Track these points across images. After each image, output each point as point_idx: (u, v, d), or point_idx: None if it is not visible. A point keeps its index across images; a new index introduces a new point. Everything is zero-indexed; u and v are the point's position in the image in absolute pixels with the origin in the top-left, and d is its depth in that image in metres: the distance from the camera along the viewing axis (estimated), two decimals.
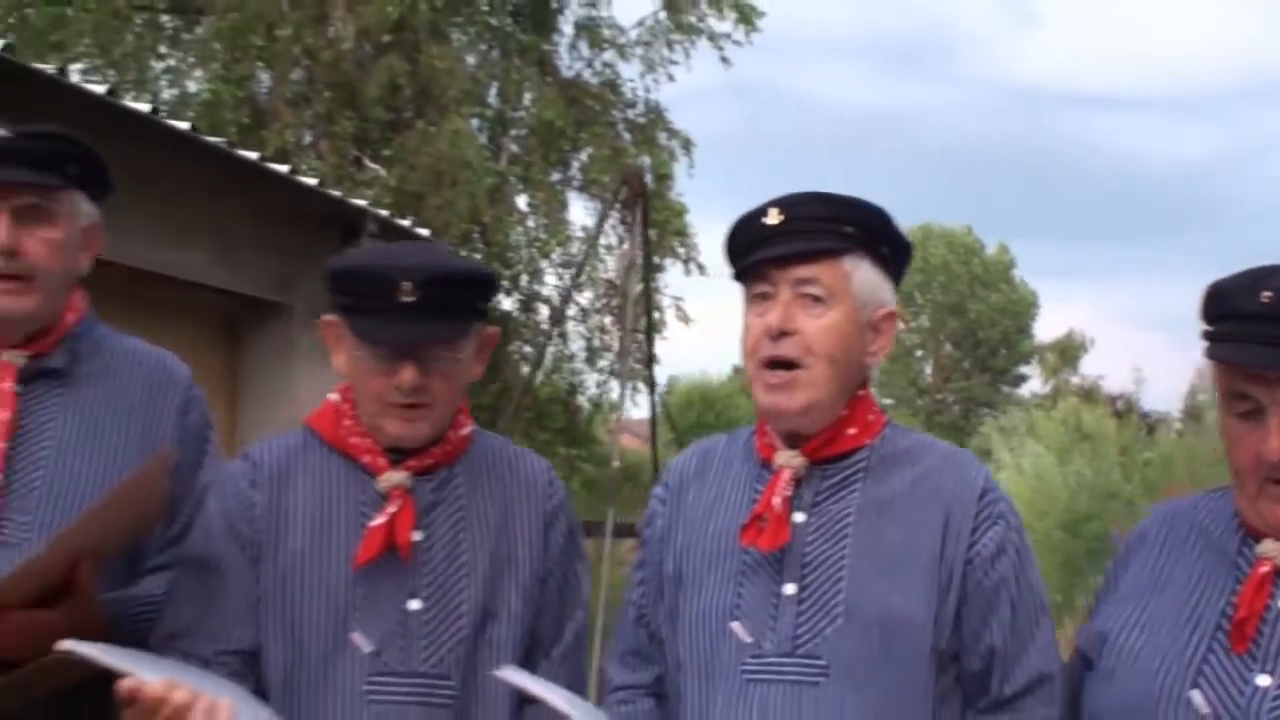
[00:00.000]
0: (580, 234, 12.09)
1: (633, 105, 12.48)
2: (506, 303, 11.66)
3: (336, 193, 6.88)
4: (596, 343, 12.27)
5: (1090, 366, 42.66)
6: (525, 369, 12.09)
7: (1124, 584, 2.21)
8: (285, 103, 10.88)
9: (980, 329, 44.46)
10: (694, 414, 20.76)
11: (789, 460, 2.17)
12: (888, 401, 40.65)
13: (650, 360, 9.49)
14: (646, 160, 11.84)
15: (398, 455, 2.22)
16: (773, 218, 2.13)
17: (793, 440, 2.18)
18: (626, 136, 12.44)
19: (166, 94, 11.23)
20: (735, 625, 2.16)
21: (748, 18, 11.89)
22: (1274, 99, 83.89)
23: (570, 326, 11.97)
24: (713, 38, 12.11)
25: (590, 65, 12.53)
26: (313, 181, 7.26)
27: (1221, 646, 2.01)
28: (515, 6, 12.29)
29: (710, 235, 12.45)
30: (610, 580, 7.21)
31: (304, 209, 7.24)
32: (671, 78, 12.60)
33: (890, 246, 2.22)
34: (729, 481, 2.27)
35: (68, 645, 1.96)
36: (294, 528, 2.25)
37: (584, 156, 12.27)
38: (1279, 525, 1.98)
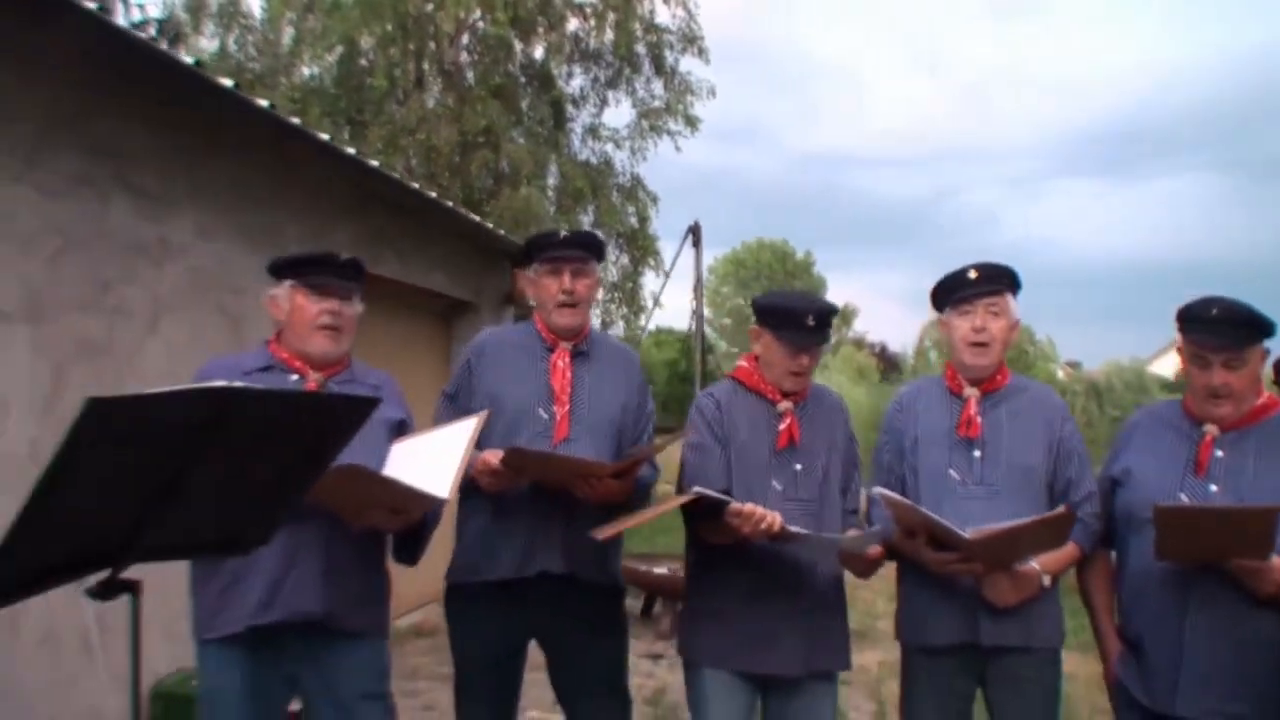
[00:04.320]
0: None
1: (621, 175, 13.60)
2: None
3: (514, 239, 7.30)
4: (607, 320, 13.46)
5: (859, 325, 45.66)
6: None
7: (1131, 446, 2.54)
8: (419, 180, 11.63)
9: None
10: None
11: (973, 392, 2.58)
12: (734, 350, 41.98)
13: (702, 336, 10.68)
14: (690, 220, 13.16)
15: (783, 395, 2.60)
16: (973, 274, 2.57)
17: (974, 382, 2.59)
18: (615, 196, 13.54)
19: None
20: (951, 472, 2.54)
21: (692, 123, 13.23)
22: (958, 158, 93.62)
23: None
24: (669, 134, 13.37)
25: (593, 151, 13.74)
26: (501, 231, 7.54)
27: (1190, 474, 2.37)
28: (544, 116, 13.34)
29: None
30: None
31: (489, 245, 7.42)
32: (645, 158, 13.85)
33: (1019, 287, 2.61)
34: (934, 402, 2.64)
35: (698, 489, 2.34)
36: (739, 429, 2.59)
37: (591, 209, 13.31)
38: (1212, 417, 2.37)
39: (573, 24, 12.75)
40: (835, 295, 48.78)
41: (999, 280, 2.57)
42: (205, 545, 1.77)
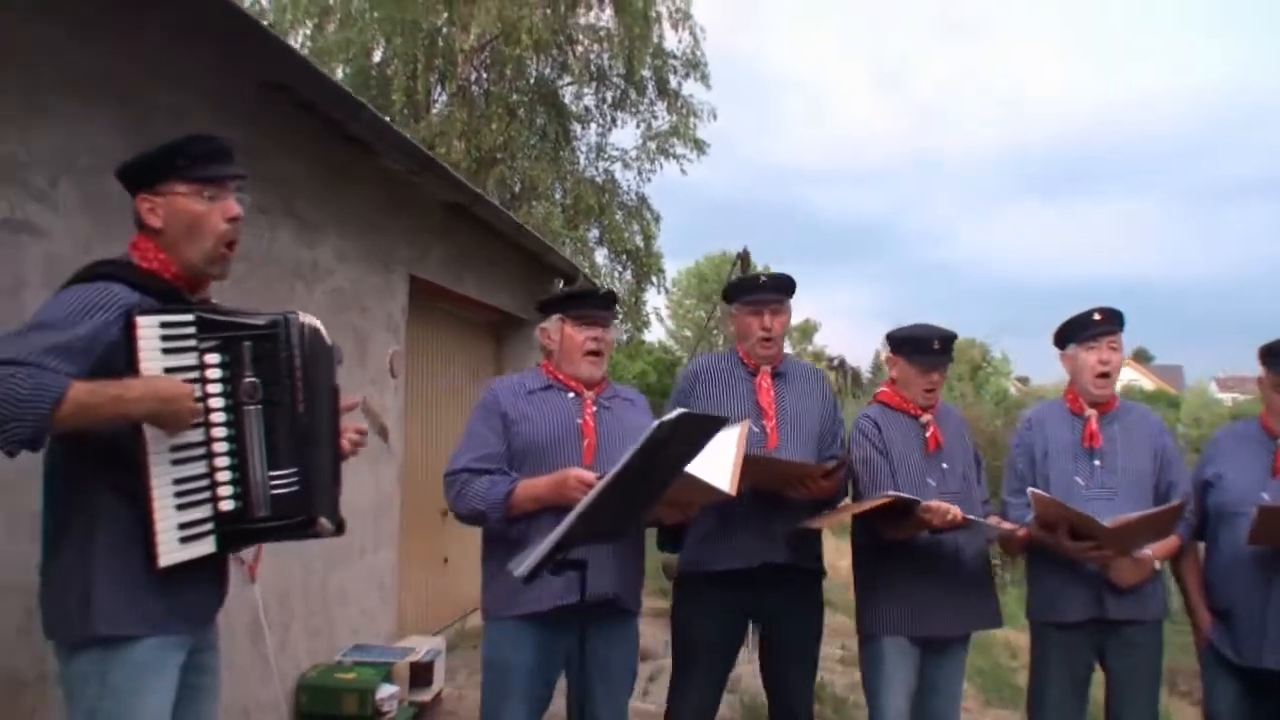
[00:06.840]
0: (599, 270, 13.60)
1: (627, 194, 13.83)
2: None
3: (565, 257, 7.62)
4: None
5: (819, 340, 46.47)
6: None
7: (1218, 456, 2.96)
8: None
9: None
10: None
11: (1092, 412, 3.00)
12: None
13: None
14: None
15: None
16: (1098, 316, 2.97)
17: (1094, 404, 2.99)
18: (619, 214, 13.73)
19: None
20: (1076, 478, 2.92)
21: (699, 146, 13.51)
22: (914, 175, 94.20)
23: None
24: (675, 157, 13.60)
25: (598, 170, 13.94)
26: (563, 251, 7.66)
27: (1269, 477, 2.78)
28: (553, 134, 13.40)
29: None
30: None
31: (549, 265, 7.64)
32: (650, 180, 14.14)
33: (1125, 325, 2.97)
34: (1058, 421, 3.05)
35: (892, 493, 2.69)
36: (895, 442, 2.98)
37: (596, 226, 13.51)
38: None
39: (584, 45, 13.03)
40: (796, 310, 48.62)
41: (1116, 320, 2.99)
42: (600, 535, 2.11)
